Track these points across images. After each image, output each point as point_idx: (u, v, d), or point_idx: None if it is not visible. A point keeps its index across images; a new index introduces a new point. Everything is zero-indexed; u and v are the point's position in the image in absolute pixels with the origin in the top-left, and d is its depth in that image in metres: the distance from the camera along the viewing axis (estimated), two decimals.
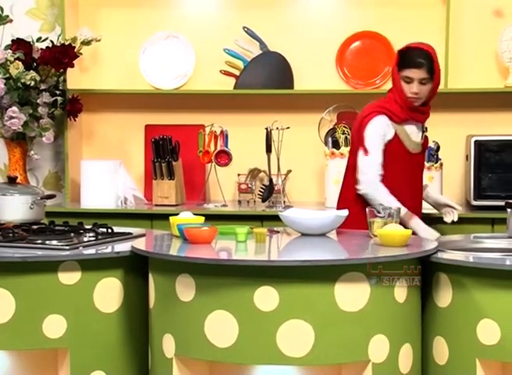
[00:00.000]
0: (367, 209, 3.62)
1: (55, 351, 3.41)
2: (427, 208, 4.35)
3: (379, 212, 3.57)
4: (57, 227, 3.80)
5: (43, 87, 4.98)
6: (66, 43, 4.92)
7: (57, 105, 5.06)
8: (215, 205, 4.98)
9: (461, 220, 4.65)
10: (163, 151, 4.98)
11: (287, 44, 5.19)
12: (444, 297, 3.28)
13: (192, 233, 3.40)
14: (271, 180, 4.95)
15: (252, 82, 5.13)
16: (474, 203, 4.73)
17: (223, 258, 3.19)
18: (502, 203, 4.56)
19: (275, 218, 4.66)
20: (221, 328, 3.11)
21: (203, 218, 3.69)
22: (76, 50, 4.92)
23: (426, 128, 4.19)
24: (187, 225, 3.50)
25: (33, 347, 3.34)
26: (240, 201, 5.09)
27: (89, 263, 3.34)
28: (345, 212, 3.64)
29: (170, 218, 3.67)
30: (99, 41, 5.07)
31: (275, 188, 4.95)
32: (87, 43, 5.04)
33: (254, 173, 5.18)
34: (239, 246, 3.42)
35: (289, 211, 3.76)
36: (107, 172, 5.01)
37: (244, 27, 5.17)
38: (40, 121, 4.98)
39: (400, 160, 4.06)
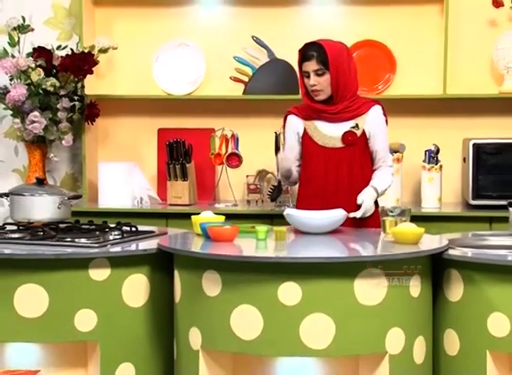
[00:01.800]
0: (379, 208, 3.61)
1: (84, 344, 3.38)
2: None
3: (391, 211, 3.56)
4: (83, 226, 3.78)
5: (62, 92, 4.95)
6: (86, 51, 4.88)
7: (75, 109, 5.03)
8: (225, 205, 4.96)
9: (460, 219, 4.68)
10: (177, 154, 4.96)
11: (293, 52, 5.12)
12: (455, 292, 3.28)
13: (215, 231, 3.38)
14: (279, 182, 4.92)
15: (260, 88, 5.11)
16: (473, 202, 4.73)
17: (249, 256, 3.17)
18: (499, 202, 4.60)
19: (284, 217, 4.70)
20: (246, 322, 3.10)
21: (223, 217, 3.68)
22: (94, 57, 4.89)
23: (357, 125, 3.93)
24: (210, 224, 3.48)
25: (66, 340, 3.32)
26: (248, 201, 5.07)
27: (118, 260, 3.33)
28: (344, 212, 3.64)
29: (192, 217, 3.64)
30: (116, 48, 5.05)
31: (283, 189, 4.93)
32: (104, 51, 5.01)
33: (262, 174, 5.16)
34: (259, 244, 3.40)
35: (290, 210, 3.72)
36: (123, 173, 4.98)
37: (253, 36, 5.15)
38: (60, 125, 4.95)
39: (312, 153, 3.99)
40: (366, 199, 3.83)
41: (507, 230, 3.92)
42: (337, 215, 3.64)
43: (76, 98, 5.04)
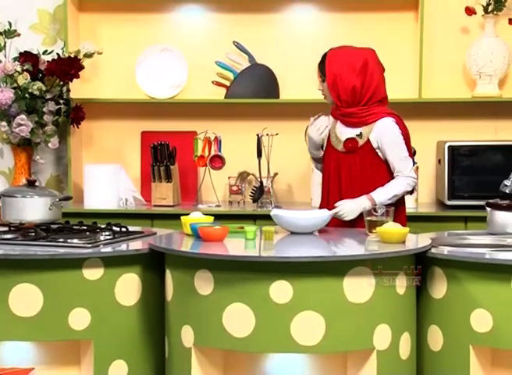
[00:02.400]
0: (363, 208, 3.61)
1: (77, 342, 3.34)
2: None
3: (376, 211, 3.56)
4: (74, 227, 3.74)
5: (48, 96, 4.91)
6: (71, 56, 4.84)
7: (61, 113, 4.98)
8: (208, 206, 4.94)
9: (436, 219, 4.70)
10: (161, 156, 4.93)
11: (273, 57, 5.18)
12: (438, 289, 3.28)
13: (206, 231, 3.36)
14: (261, 183, 4.92)
15: (241, 92, 5.10)
16: (448, 203, 4.74)
17: (242, 255, 3.15)
18: (473, 202, 4.63)
19: (267, 217, 4.67)
20: (238, 320, 3.08)
21: (212, 217, 3.66)
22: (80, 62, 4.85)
23: (361, 133, 3.89)
24: (200, 224, 3.46)
25: (60, 338, 3.27)
26: (230, 202, 5.06)
27: (111, 260, 3.29)
28: (329, 212, 3.64)
29: (182, 218, 3.62)
30: (101, 53, 5.01)
31: (265, 190, 4.92)
32: (89, 56, 4.97)
33: (243, 175, 5.15)
34: (248, 243, 3.39)
35: (278, 211, 3.70)
36: (109, 175, 4.95)
37: (234, 42, 5.14)
38: (45, 128, 4.90)
39: (325, 152, 4.02)
40: (346, 203, 3.79)
41: (482, 229, 3.95)
42: (322, 215, 3.63)
43: (61, 101, 4.99)
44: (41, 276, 3.22)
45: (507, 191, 3.67)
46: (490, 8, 4.94)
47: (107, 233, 3.60)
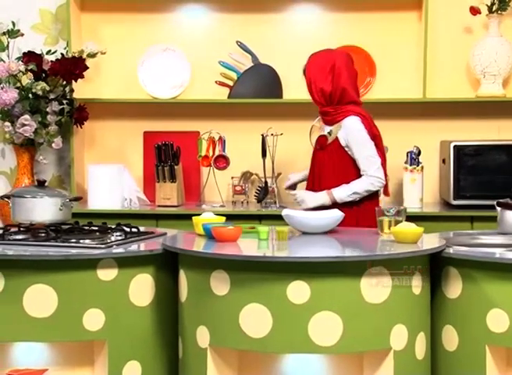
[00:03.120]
0: (376, 208, 3.60)
1: (90, 343, 3.32)
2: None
3: (388, 211, 3.56)
4: (84, 227, 3.72)
5: (52, 96, 4.88)
6: (75, 56, 4.81)
7: (64, 113, 4.95)
8: (212, 206, 4.93)
9: (442, 218, 4.69)
10: (165, 156, 4.92)
11: (277, 57, 5.17)
12: (454, 289, 3.27)
13: (220, 231, 3.35)
14: (266, 183, 4.91)
15: (244, 92, 5.09)
16: (454, 203, 4.74)
17: (259, 255, 3.14)
18: (479, 202, 4.64)
19: (272, 217, 4.68)
20: (255, 320, 3.06)
21: (224, 218, 3.64)
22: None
23: (331, 131, 4.08)
24: (214, 224, 3.45)
25: (75, 339, 3.25)
26: (234, 202, 5.04)
27: (125, 260, 3.27)
28: (341, 213, 3.65)
29: (193, 218, 3.60)
30: (104, 53, 4.99)
31: (269, 190, 4.91)
32: (92, 55, 4.95)
33: (246, 175, 5.13)
34: (261, 243, 3.37)
35: (289, 211, 3.70)
36: (112, 175, 4.92)
37: (237, 42, 5.12)
38: (48, 128, 4.87)
39: (313, 149, 4.24)
40: (306, 192, 4.09)
41: (489, 229, 3.96)
42: (334, 215, 3.62)
43: (64, 101, 4.96)
44: (56, 276, 3.20)
45: None
46: (494, 8, 4.95)
47: (118, 233, 3.58)
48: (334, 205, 3.96)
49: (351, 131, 4.01)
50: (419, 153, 4.84)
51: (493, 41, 4.95)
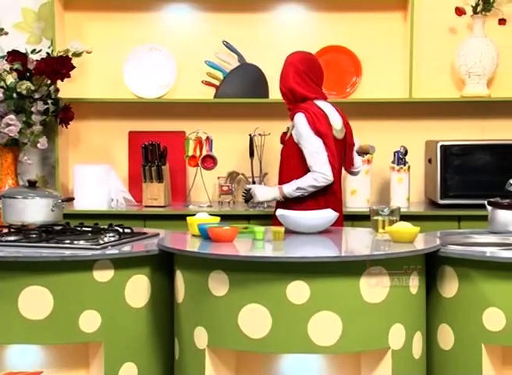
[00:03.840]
0: (370, 208, 3.61)
1: (86, 345, 3.29)
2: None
3: (382, 211, 3.56)
4: (77, 228, 3.68)
5: (36, 96, 4.83)
6: (62, 55, 4.77)
7: (49, 112, 4.91)
8: (199, 206, 4.91)
9: (429, 218, 4.71)
10: (152, 156, 4.89)
11: (263, 56, 5.16)
12: (449, 288, 3.28)
13: (216, 232, 3.33)
14: (254, 183, 4.90)
15: (231, 91, 5.07)
16: (441, 202, 4.77)
17: (259, 255, 3.12)
18: (466, 201, 4.66)
19: (260, 217, 4.68)
20: (254, 320, 3.05)
21: (218, 218, 3.63)
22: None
23: (288, 128, 4.30)
24: (210, 224, 3.43)
25: (71, 341, 3.21)
26: (220, 202, 5.03)
27: (121, 261, 3.24)
28: (335, 213, 3.67)
29: (188, 218, 3.58)
30: (90, 52, 4.94)
31: None
32: (78, 55, 4.90)
33: (232, 175, 5.12)
34: (257, 244, 3.36)
35: (284, 211, 3.70)
36: (98, 175, 4.89)
37: (224, 41, 5.11)
38: (33, 128, 4.82)
39: None
40: (260, 186, 4.35)
41: (477, 228, 3.99)
42: (329, 215, 3.62)
43: (49, 101, 4.92)
44: (51, 278, 3.16)
45: None
46: (479, 9, 4.98)
47: (111, 234, 3.54)
48: (286, 200, 4.12)
49: (297, 128, 4.13)
50: (406, 153, 4.85)
51: (478, 41, 4.98)
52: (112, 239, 3.47)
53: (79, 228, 3.69)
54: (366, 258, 3.06)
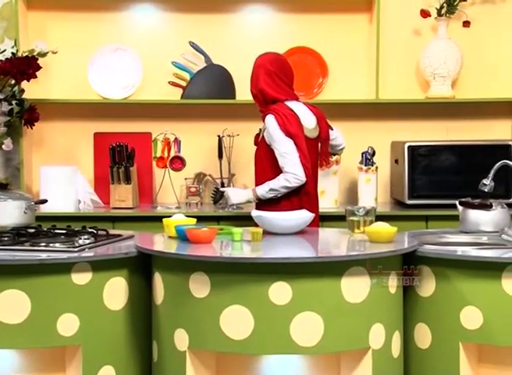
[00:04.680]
0: (345, 209, 3.63)
1: (62, 349, 3.25)
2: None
3: (357, 211, 3.58)
4: (50, 231, 3.64)
5: (1, 96, 4.76)
6: (27, 55, 4.71)
7: (13, 113, 4.84)
8: (167, 207, 4.88)
9: (397, 218, 4.72)
10: (119, 158, 4.85)
11: (229, 57, 5.15)
12: (427, 287, 3.31)
13: (195, 233, 3.32)
14: (222, 184, 4.89)
15: (197, 92, 5.05)
16: (408, 202, 4.80)
17: (241, 257, 3.12)
18: (433, 202, 4.70)
19: (228, 218, 4.67)
20: (236, 322, 3.04)
21: (195, 219, 3.61)
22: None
23: (260, 129, 4.30)
24: (187, 226, 3.41)
25: (49, 345, 3.18)
26: (188, 204, 5.00)
27: (99, 264, 3.21)
28: (311, 213, 3.68)
29: (164, 220, 3.57)
30: (55, 53, 4.87)
31: None
32: (43, 55, 4.83)
33: (200, 177, 5.10)
34: (236, 245, 3.36)
35: (260, 212, 3.71)
36: (65, 177, 4.83)
37: (190, 42, 5.09)
38: None
39: None
40: (234, 189, 4.41)
41: (444, 228, 4.03)
42: (304, 216, 3.63)
43: (14, 102, 4.85)
44: (29, 281, 3.11)
45: (486, 190, 3.73)
46: (443, 11, 5.03)
47: (86, 236, 3.50)
48: (260, 202, 4.14)
49: (267, 130, 4.14)
50: (374, 153, 4.88)
51: (442, 43, 5.03)
52: (88, 241, 3.43)
53: (52, 230, 3.64)
54: (348, 258, 3.07)
